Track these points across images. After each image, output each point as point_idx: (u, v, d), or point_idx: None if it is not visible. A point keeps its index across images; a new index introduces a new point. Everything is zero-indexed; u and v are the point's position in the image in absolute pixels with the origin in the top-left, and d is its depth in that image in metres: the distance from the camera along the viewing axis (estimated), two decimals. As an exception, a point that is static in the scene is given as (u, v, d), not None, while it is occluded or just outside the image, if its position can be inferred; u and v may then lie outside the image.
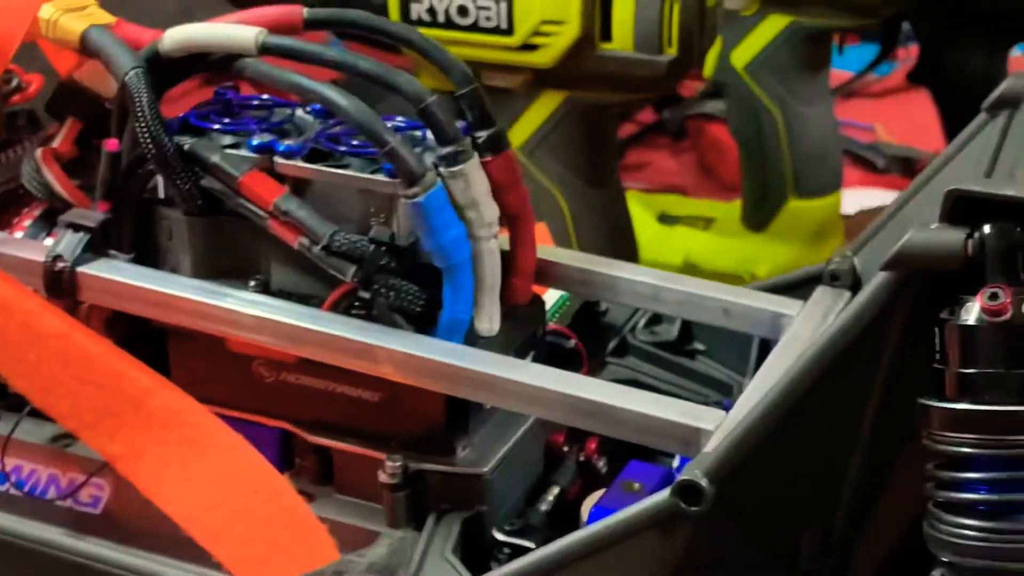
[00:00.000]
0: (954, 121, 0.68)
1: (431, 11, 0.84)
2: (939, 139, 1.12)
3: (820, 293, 0.63)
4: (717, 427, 0.52)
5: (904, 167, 1.32)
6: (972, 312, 0.44)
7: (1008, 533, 0.44)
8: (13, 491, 0.65)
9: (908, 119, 1.36)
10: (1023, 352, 0.43)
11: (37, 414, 0.63)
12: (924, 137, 1.31)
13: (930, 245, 0.45)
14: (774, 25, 1.00)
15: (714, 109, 1.33)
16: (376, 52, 0.75)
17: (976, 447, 0.44)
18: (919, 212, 0.58)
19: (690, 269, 1.04)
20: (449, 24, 0.84)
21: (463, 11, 0.84)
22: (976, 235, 0.44)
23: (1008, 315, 0.43)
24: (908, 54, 1.29)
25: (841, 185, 1.09)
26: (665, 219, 1.16)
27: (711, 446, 0.50)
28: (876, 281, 0.46)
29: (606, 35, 0.84)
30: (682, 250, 1.10)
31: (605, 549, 0.51)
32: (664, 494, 0.49)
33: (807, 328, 0.59)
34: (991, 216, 0.45)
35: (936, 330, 0.45)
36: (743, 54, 1.01)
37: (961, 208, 0.45)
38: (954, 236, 0.45)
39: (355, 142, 0.60)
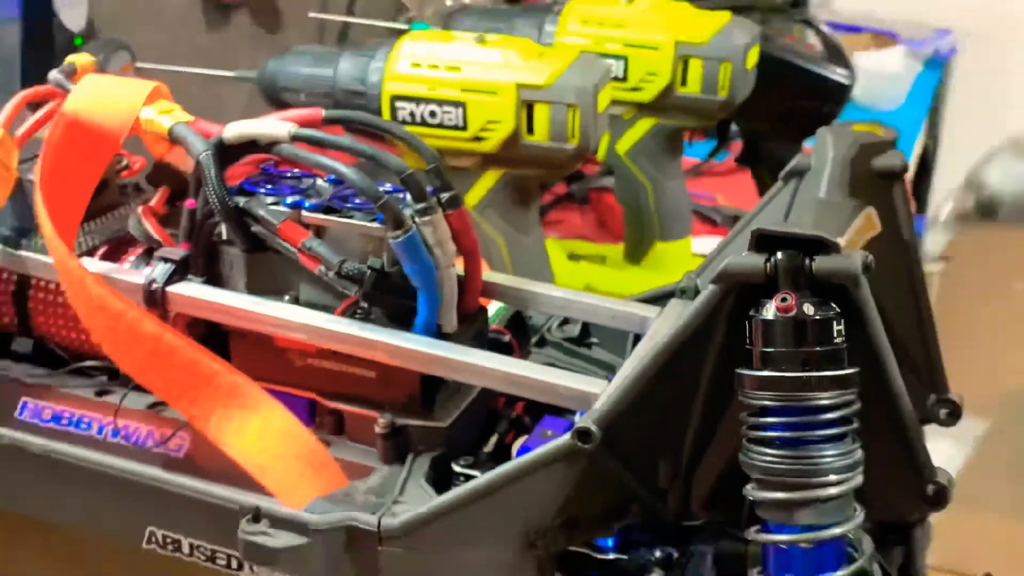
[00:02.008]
0: (765, 191, 0.69)
1: (411, 114, 0.84)
2: (757, 202, 1.13)
3: (673, 303, 0.63)
4: (603, 391, 0.53)
5: (734, 223, 1.34)
6: (769, 311, 0.44)
7: (795, 458, 0.45)
8: (123, 443, 0.65)
9: (737, 191, 1.37)
10: (803, 336, 0.44)
11: (139, 388, 0.63)
12: (747, 203, 1.33)
13: (742, 266, 0.46)
14: (644, 125, 1.00)
15: (607, 183, 1.33)
16: (374, 141, 0.75)
17: (773, 400, 0.45)
18: (738, 247, 0.59)
19: (590, 291, 1.05)
20: (424, 123, 0.84)
21: (433, 114, 0.84)
22: (772, 259, 0.45)
23: (793, 312, 0.44)
24: (737, 146, 1.30)
25: (691, 233, 1.10)
26: (573, 257, 1.16)
27: (598, 404, 0.50)
28: (706, 292, 0.47)
29: (530, 131, 0.85)
30: (585, 279, 1.10)
31: (526, 475, 0.51)
32: (566, 436, 0.50)
33: (663, 326, 0.60)
34: (782, 246, 0.45)
35: (747, 323, 0.46)
36: (624, 144, 1.01)
37: (763, 241, 0.46)
38: (758, 260, 0.45)
39: (357, 201, 0.61)
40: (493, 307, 0.68)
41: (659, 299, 0.65)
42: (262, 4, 1.44)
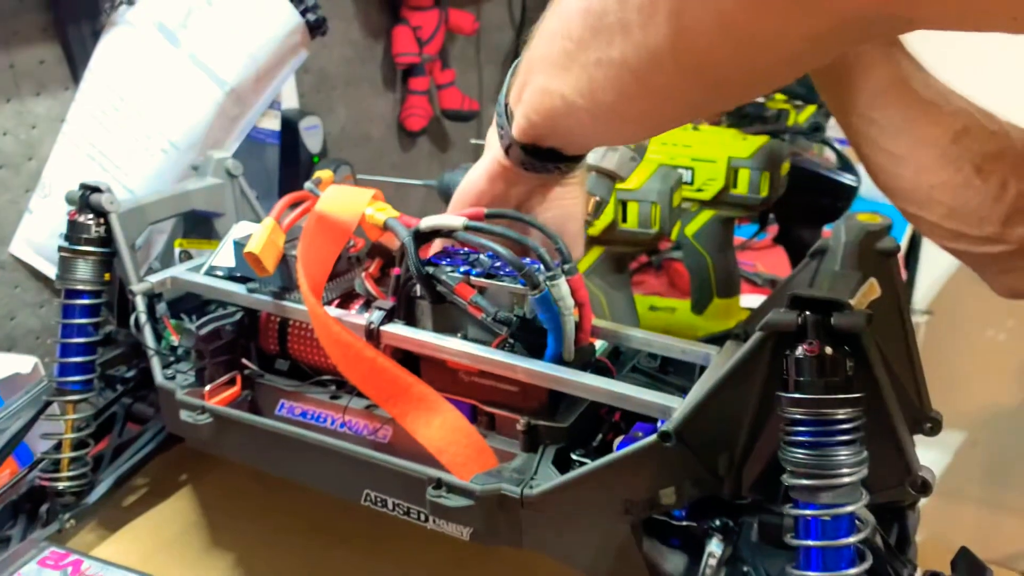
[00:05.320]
0: (796, 263, 0.68)
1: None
2: (788, 271, 1.11)
3: (729, 343, 0.63)
4: (679, 405, 0.53)
5: (771, 285, 1.31)
6: (800, 352, 0.45)
7: (818, 456, 0.45)
8: (348, 431, 0.67)
9: (773, 261, 1.35)
10: (824, 369, 0.44)
11: (359, 394, 0.65)
12: (780, 270, 1.31)
13: (780, 320, 0.46)
14: (706, 215, 0.99)
15: (677, 255, 1.33)
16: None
17: (803, 415, 0.45)
18: (775, 304, 0.58)
19: (666, 334, 1.04)
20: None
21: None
22: (802, 315, 0.45)
23: (817, 353, 0.44)
24: (773, 229, 1.28)
25: (740, 292, 1.08)
26: (653, 308, 1.15)
27: (675, 414, 0.51)
28: (755, 336, 0.47)
29: (624, 220, 0.85)
30: (661, 325, 1.09)
31: (622, 463, 0.52)
32: (652, 437, 0.50)
33: (722, 360, 0.60)
34: (809, 306, 0.45)
35: (784, 360, 0.46)
36: (691, 229, 1.01)
37: (796, 302, 0.46)
38: (792, 315, 0.45)
39: (508, 269, 0.62)
40: (598, 344, 0.68)
41: (718, 340, 0.65)
42: (437, 132, 1.49)
